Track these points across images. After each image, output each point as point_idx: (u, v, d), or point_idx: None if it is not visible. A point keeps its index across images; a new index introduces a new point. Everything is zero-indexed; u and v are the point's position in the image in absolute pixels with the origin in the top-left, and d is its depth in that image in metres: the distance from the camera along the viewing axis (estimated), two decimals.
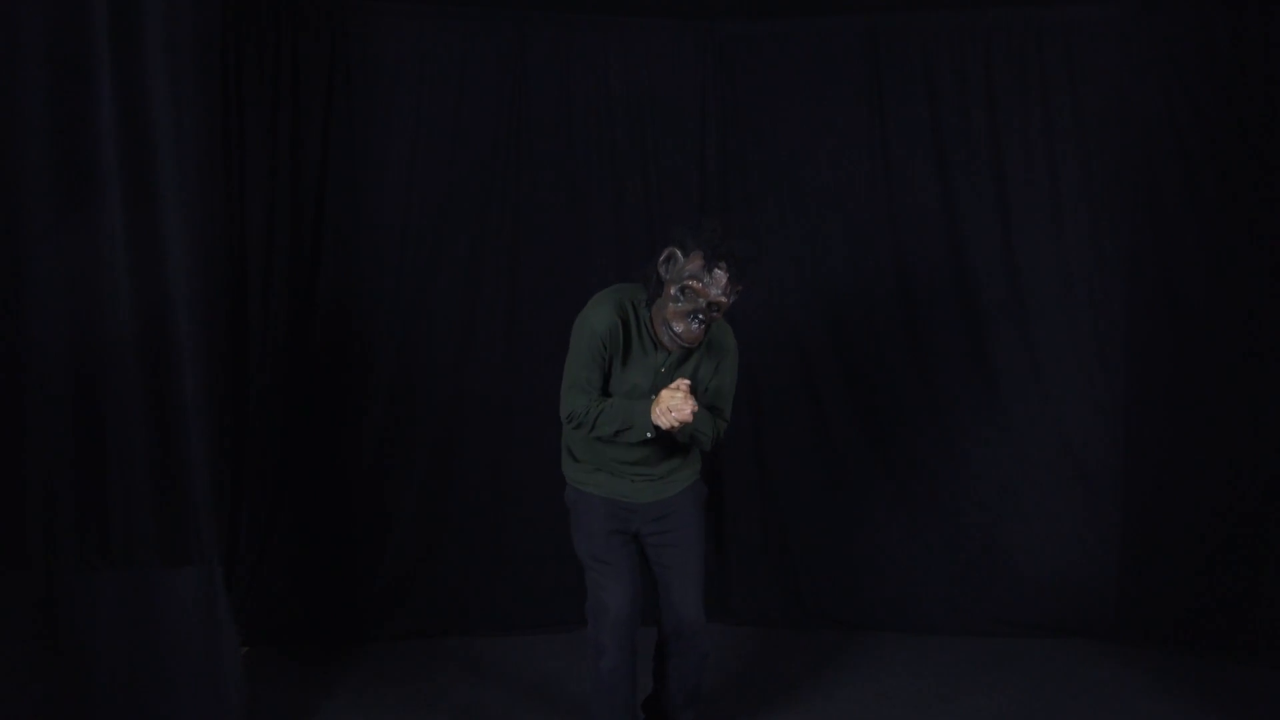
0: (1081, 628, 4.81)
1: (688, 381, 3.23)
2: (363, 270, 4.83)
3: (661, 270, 3.25)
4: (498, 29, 4.87)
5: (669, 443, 3.40)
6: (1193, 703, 4.14)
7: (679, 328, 3.22)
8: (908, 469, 5.01)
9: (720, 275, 3.17)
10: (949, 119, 4.91)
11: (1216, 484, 4.62)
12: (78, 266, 3.38)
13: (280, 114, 4.70)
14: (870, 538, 5.00)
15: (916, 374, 4.98)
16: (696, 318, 3.20)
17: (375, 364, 4.85)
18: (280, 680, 4.25)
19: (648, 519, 3.46)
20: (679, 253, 3.22)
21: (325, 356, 4.80)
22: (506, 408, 4.89)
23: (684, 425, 3.22)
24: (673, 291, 3.21)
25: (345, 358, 4.82)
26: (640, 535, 3.49)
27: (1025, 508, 4.91)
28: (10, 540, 3.33)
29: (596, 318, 3.28)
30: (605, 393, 3.36)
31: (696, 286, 3.17)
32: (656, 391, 3.29)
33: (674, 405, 3.15)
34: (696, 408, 3.18)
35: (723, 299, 3.20)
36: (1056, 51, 4.84)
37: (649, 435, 3.23)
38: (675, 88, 4.99)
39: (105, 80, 3.34)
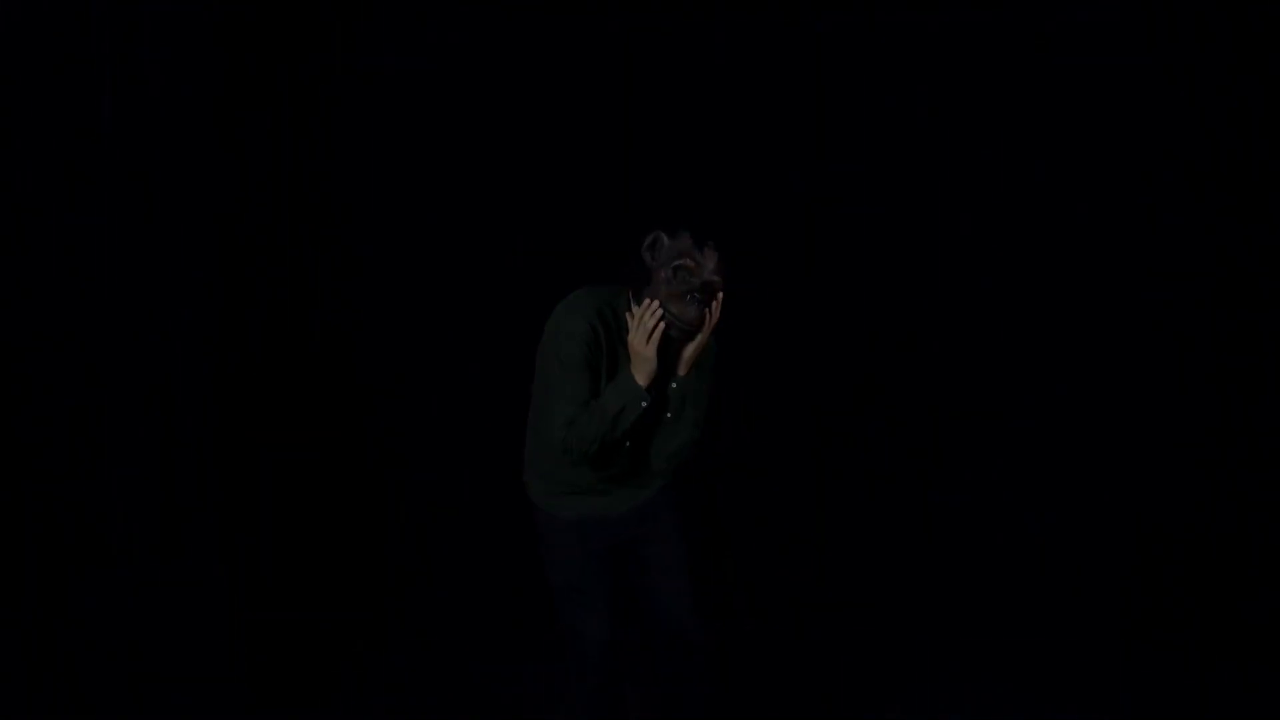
0: (1082, 629, 4.81)
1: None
2: (363, 270, 4.82)
3: (647, 257, 2.98)
4: (498, 29, 4.87)
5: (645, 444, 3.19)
6: (1193, 703, 4.15)
7: (676, 309, 2.96)
8: (908, 468, 5.00)
9: (711, 254, 2.95)
10: (949, 119, 4.90)
11: (1217, 484, 4.61)
12: (77, 266, 3.39)
13: (280, 114, 4.69)
14: (870, 538, 4.99)
15: (916, 373, 4.97)
16: (694, 297, 2.96)
17: (375, 364, 4.85)
18: (280, 680, 4.24)
19: (628, 526, 3.23)
20: (664, 236, 2.96)
21: (326, 356, 4.79)
22: (506, 408, 4.88)
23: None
24: (664, 275, 2.96)
25: (345, 357, 4.82)
26: (620, 547, 3.25)
27: (1026, 507, 4.90)
28: (10, 540, 3.34)
29: (573, 324, 3.02)
30: None
31: (690, 265, 2.94)
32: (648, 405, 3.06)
33: (644, 325, 2.93)
34: (658, 314, 2.94)
35: (716, 279, 2.95)
36: (1056, 52, 4.83)
37: (644, 403, 2.97)
38: (674, 88, 4.98)
39: (105, 80, 3.35)
